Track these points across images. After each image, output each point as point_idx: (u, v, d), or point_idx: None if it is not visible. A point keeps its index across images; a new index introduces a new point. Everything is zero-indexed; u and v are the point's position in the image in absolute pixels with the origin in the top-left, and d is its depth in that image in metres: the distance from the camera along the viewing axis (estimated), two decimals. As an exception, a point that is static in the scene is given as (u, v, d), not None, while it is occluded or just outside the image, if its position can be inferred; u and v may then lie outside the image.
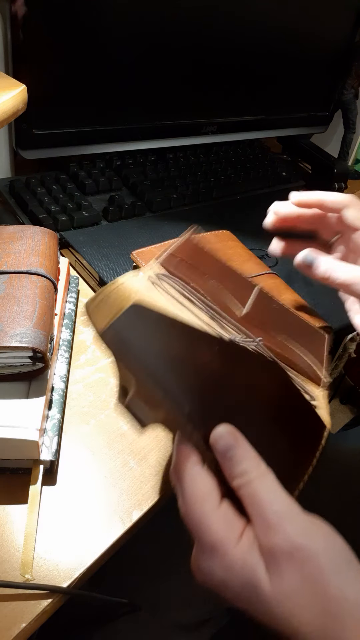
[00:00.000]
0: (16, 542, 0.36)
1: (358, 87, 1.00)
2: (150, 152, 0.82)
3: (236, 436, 0.27)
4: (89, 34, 0.64)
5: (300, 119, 0.98)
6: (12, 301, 0.41)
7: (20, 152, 0.68)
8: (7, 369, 0.39)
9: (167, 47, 0.72)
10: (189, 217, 0.72)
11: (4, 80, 0.49)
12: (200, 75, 0.78)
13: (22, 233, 0.49)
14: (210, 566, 0.25)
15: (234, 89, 0.84)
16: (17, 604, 0.33)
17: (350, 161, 1.08)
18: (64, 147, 0.71)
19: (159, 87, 0.75)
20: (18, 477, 0.39)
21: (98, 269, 0.57)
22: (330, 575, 0.24)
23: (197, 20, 0.71)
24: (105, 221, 0.68)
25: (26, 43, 0.60)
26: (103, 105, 0.71)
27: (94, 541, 0.37)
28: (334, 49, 0.92)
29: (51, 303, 0.43)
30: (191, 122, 0.83)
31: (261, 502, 0.26)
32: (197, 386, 0.29)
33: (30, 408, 0.38)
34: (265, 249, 0.69)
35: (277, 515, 0.25)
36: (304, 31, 0.85)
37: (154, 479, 0.41)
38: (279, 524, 0.25)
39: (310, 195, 0.45)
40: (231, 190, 0.82)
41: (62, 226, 0.64)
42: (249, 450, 0.27)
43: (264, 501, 0.25)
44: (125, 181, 0.77)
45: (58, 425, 0.41)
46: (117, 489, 0.40)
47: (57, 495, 0.39)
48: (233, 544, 0.25)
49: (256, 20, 0.77)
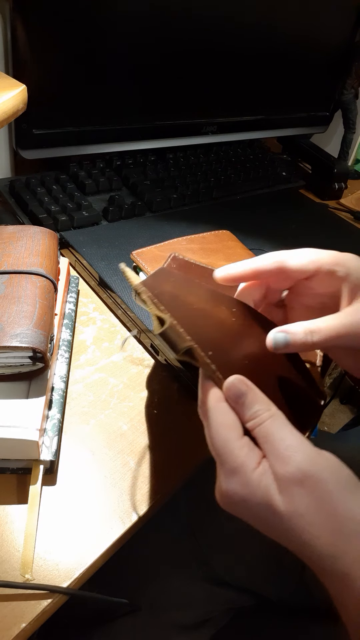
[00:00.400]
0: (16, 542, 0.36)
1: (358, 87, 1.00)
2: (150, 152, 0.82)
3: (246, 383, 0.30)
4: (89, 34, 0.64)
5: (300, 119, 0.98)
6: (12, 301, 0.41)
7: (20, 152, 0.68)
8: (7, 369, 0.39)
9: (167, 47, 0.72)
10: (189, 217, 0.72)
11: (4, 80, 0.49)
12: (201, 75, 0.78)
13: (22, 233, 0.49)
14: (233, 487, 0.28)
15: (234, 89, 0.84)
16: (17, 604, 0.33)
17: (350, 161, 1.08)
18: (64, 147, 0.71)
19: (159, 87, 0.75)
20: (18, 477, 0.39)
21: (98, 269, 0.58)
22: (338, 499, 0.27)
23: (197, 20, 0.71)
24: (105, 221, 0.68)
25: (26, 43, 0.60)
26: (103, 105, 0.71)
27: (94, 541, 0.37)
28: (334, 49, 0.92)
29: (51, 303, 0.43)
30: (191, 122, 0.83)
31: (274, 439, 0.28)
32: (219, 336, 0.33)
33: (30, 408, 0.38)
34: (265, 249, 0.69)
35: (288, 449, 0.28)
36: (304, 31, 0.85)
37: (154, 479, 0.41)
38: (290, 456, 0.27)
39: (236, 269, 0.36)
40: (231, 190, 0.82)
41: (62, 226, 0.64)
42: (259, 395, 0.30)
43: (276, 437, 0.28)
44: (125, 181, 0.77)
45: (58, 425, 0.41)
46: (117, 489, 0.40)
47: (57, 495, 0.39)
48: (252, 468, 0.28)
49: (256, 20, 0.78)
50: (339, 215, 0.87)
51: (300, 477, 0.27)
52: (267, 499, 0.27)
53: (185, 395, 0.48)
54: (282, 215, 0.80)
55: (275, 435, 0.28)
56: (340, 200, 0.94)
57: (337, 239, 0.78)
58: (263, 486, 0.27)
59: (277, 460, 0.28)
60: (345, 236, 0.80)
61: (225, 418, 0.30)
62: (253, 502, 0.28)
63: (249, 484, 0.28)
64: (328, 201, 0.93)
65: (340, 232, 0.81)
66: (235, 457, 0.28)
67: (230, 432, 0.29)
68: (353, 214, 0.89)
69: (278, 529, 0.28)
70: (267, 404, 0.30)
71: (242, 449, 0.29)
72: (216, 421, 0.30)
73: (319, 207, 0.89)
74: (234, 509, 0.29)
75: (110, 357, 0.51)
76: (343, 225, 0.83)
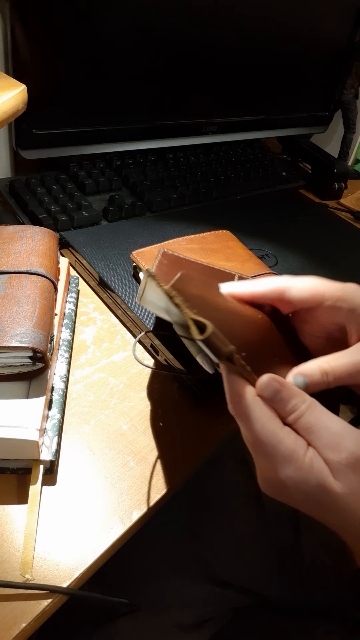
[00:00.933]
0: (16, 542, 0.36)
1: (358, 87, 1.00)
2: (150, 152, 0.82)
3: (279, 380, 0.30)
4: (89, 33, 0.64)
5: (300, 119, 0.98)
6: (12, 301, 0.41)
7: (20, 152, 0.68)
8: (7, 369, 0.39)
9: (168, 47, 0.72)
10: (189, 217, 0.72)
11: (4, 80, 0.49)
12: (201, 75, 0.78)
13: (22, 233, 0.49)
14: (287, 473, 0.29)
15: (234, 89, 0.84)
16: (17, 604, 0.33)
17: (350, 161, 1.08)
18: (64, 147, 0.71)
19: (159, 87, 0.75)
20: (18, 477, 0.39)
21: (98, 269, 0.58)
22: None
23: (197, 20, 0.71)
24: (105, 221, 0.68)
25: (26, 43, 0.60)
26: (103, 105, 0.71)
27: (94, 541, 0.37)
28: (334, 49, 0.92)
29: (51, 303, 0.43)
30: (191, 122, 0.83)
31: (319, 428, 0.29)
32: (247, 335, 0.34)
33: (30, 408, 0.38)
34: (265, 249, 0.69)
35: (336, 435, 0.29)
36: (304, 31, 0.85)
37: (154, 479, 0.41)
38: (339, 442, 0.29)
39: (237, 290, 0.37)
40: (231, 190, 0.82)
41: (62, 226, 0.64)
42: (293, 389, 0.31)
43: (321, 426, 0.29)
44: (125, 181, 0.77)
45: (58, 425, 0.41)
46: (117, 489, 0.40)
47: (57, 495, 0.39)
48: (303, 453, 0.29)
49: (256, 20, 0.78)
50: (339, 215, 0.87)
51: (353, 462, 0.28)
52: (322, 482, 0.29)
53: (186, 395, 0.48)
54: (282, 215, 0.80)
55: (319, 425, 0.29)
56: (340, 200, 0.94)
57: (337, 239, 0.78)
58: (316, 470, 0.29)
59: (327, 448, 0.29)
60: (345, 236, 0.80)
61: (267, 410, 0.30)
62: (308, 485, 0.29)
63: (302, 468, 0.29)
64: (328, 201, 0.93)
65: (340, 232, 0.81)
66: (287, 444, 0.29)
67: (276, 422, 0.30)
68: (353, 214, 0.89)
69: (332, 509, 0.29)
70: (301, 396, 0.31)
71: (289, 436, 0.30)
72: (259, 414, 0.30)
73: (319, 207, 0.89)
74: (285, 494, 0.30)
75: (110, 357, 0.51)
76: (343, 225, 0.83)
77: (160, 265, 0.44)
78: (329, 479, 0.29)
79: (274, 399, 0.30)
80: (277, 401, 0.30)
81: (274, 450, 0.29)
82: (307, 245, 0.73)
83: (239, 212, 0.78)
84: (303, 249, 0.71)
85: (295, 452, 0.29)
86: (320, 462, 0.29)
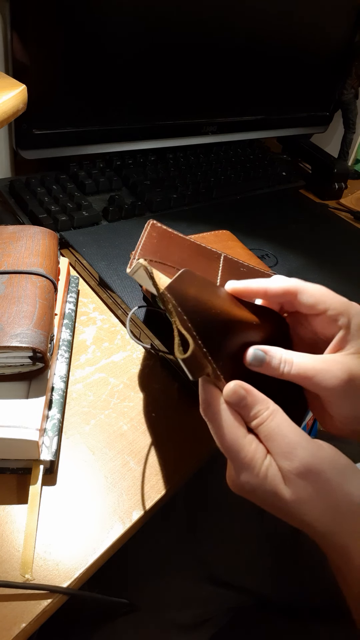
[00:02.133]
0: (16, 542, 0.36)
1: (358, 87, 1.00)
2: (150, 152, 0.82)
3: (245, 387, 0.32)
4: (89, 33, 0.64)
5: (300, 119, 0.98)
6: (12, 301, 0.41)
7: (20, 152, 0.68)
8: (7, 369, 0.39)
9: (167, 47, 0.72)
10: (189, 217, 0.72)
11: (4, 80, 0.49)
12: (200, 75, 0.78)
13: (22, 233, 0.49)
14: (245, 479, 0.31)
15: (234, 89, 0.84)
16: (17, 604, 0.33)
17: (350, 161, 1.08)
18: (64, 147, 0.71)
19: (159, 87, 0.75)
20: (18, 477, 0.39)
21: (98, 269, 0.58)
22: (336, 485, 0.30)
23: (197, 20, 0.71)
24: (105, 221, 0.68)
25: (26, 43, 0.60)
26: (103, 105, 0.71)
27: (94, 541, 0.37)
28: (334, 49, 0.92)
29: (51, 303, 0.43)
30: (191, 122, 0.83)
31: (277, 436, 0.31)
32: (230, 342, 0.34)
33: (30, 408, 0.38)
34: (265, 249, 0.69)
35: (291, 445, 0.31)
36: (304, 31, 0.85)
37: (154, 479, 0.41)
38: (292, 452, 0.30)
39: (250, 285, 0.37)
40: (231, 190, 0.82)
41: (62, 226, 0.64)
42: (258, 396, 0.32)
43: (279, 434, 0.31)
44: (125, 181, 0.77)
45: (58, 425, 0.41)
46: (117, 489, 0.40)
47: (57, 495, 0.39)
48: (260, 462, 0.31)
49: (256, 20, 0.78)
50: (339, 215, 0.87)
51: (303, 470, 0.30)
52: (275, 489, 0.31)
53: (186, 395, 0.48)
54: (282, 215, 0.80)
55: (277, 433, 0.31)
56: (340, 200, 0.94)
57: (337, 239, 0.78)
58: (270, 478, 0.31)
59: (281, 456, 0.31)
60: (345, 236, 0.80)
61: (232, 418, 0.32)
62: (262, 490, 0.31)
63: (258, 475, 0.31)
64: (328, 201, 0.93)
65: (340, 232, 0.81)
66: (246, 452, 0.31)
67: (239, 431, 0.32)
68: (353, 214, 0.89)
69: (284, 512, 0.31)
70: (265, 403, 0.32)
71: (250, 444, 0.31)
72: (225, 422, 0.32)
73: (319, 207, 0.89)
74: (246, 495, 0.33)
75: (110, 357, 0.51)
76: (343, 225, 0.83)
77: (150, 238, 0.44)
78: (280, 486, 0.31)
79: (239, 405, 0.32)
80: (242, 407, 0.32)
81: (235, 456, 0.32)
82: (307, 245, 0.73)
83: (239, 212, 0.78)
84: (303, 249, 0.71)
85: (253, 460, 0.31)
86: (275, 469, 0.31)
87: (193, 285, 0.33)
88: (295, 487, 0.30)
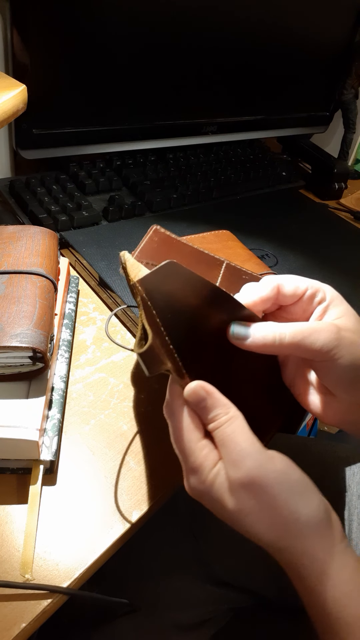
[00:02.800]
0: (16, 542, 0.36)
1: (358, 87, 1.00)
2: (150, 152, 0.82)
3: (206, 389, 0.31)
4: (89, 33, 0.64)
5: (300, 119, 0.98)
6: (12, 301, 0.41)
7: (20, 152, 0.68)
8: (7, 369, 0.39)
9: (167, 47, 0.72)
10: (189, 217, 0.72)
11: (4, 80, 0.49)
12: (201, 75, 0.78)
13: (22, 233, 0.49)
14: (194, 483, 0.31)
15: (234, 89, 0.84)
16: (17, 604, 0.33)
17: (350, 161, 1.08)
18: (64, 147, 0.71)
19: (159, 87, 0.75)
20: (18, 477, 0.39)
21: (98, 269, 0.58)
22: (283, 502, 0.30)
23: (197, 20, 0.71)
24: (105, 221, 0.68)
25: (26, 43, 0.60)
26: (103, 105, 0.71)
27: (94, 541, 0.37)
28: (334, 49, 0.92)
29: (51, 303, 0.43)
30: (191, 122, 0.83)
31: (230, 442, 0.30)
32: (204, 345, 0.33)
33: (30, 408, 0.38)
34: (265, 249, 0.69)
35: (240, 454, 0.30)
36: (304, 31, 0.85)
37: (154, 479, 0.41)
38: (241, 461, 0.30)
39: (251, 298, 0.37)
40: (231, 190, 0.82)
41: (62, 226, 0.64)
42: (219, 399, 0.31)
43: (232, 441, 0.30)
44: (125, 181, 0.77)
45: (58, 425, 0.41)
46: (117, 489, 0.40)
47: (57, 495, 0.39)
48: (209, 469, 0.31)
49: (256, 20, 0.78)
50: (339, 215, 0.87)
51: (247, 481, 0.29)
52: (220, 497, 0.30)
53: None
54: (282, 215, 0.80)
55: (230, 440, 0.31)
56: (340, 200, 0.94)
57: (337, 239, 0.78)
58: (217, 485, 0.30)
59: (229, 464, 0.30)
60: (345, 236, 0.80)
61: (188, 421, 0.32)
62: (209, 497, 0.31)
63: (205, 482, 0.31)
64: (328, 201, 0.93)
65: (340, 232, 0.81)
66: (196, 457, 0.31)
67: (193, 434, 0.32)
68: (353, 214, 0.89)
69: (230, 521, 0.31)
70: (225, 408, 0.31)
71: (202, 450, 0.31)
72: (180, 423, 0.32)
73: (319, 207, 0.89)
74: (197, 499, 0.33)
75: (110, 357, 0.51)
76: (343, 225, 0.83)
77: (150, 242, 0.44)
78: (225, 495, 0.30)
79: (198, 405, 0.31)
80: (201, 409, 0.31)
81: (186, 459, 0.32)
82: (307, 245, 0.73)
83: (239, 212, 0.78)
84: (303, 249, 0.71)
85: (201, 467, 0.31)
86: (222, 478, 0.30)
87: (175, 279, 0.31)
88: (238, 497, 0.30)
